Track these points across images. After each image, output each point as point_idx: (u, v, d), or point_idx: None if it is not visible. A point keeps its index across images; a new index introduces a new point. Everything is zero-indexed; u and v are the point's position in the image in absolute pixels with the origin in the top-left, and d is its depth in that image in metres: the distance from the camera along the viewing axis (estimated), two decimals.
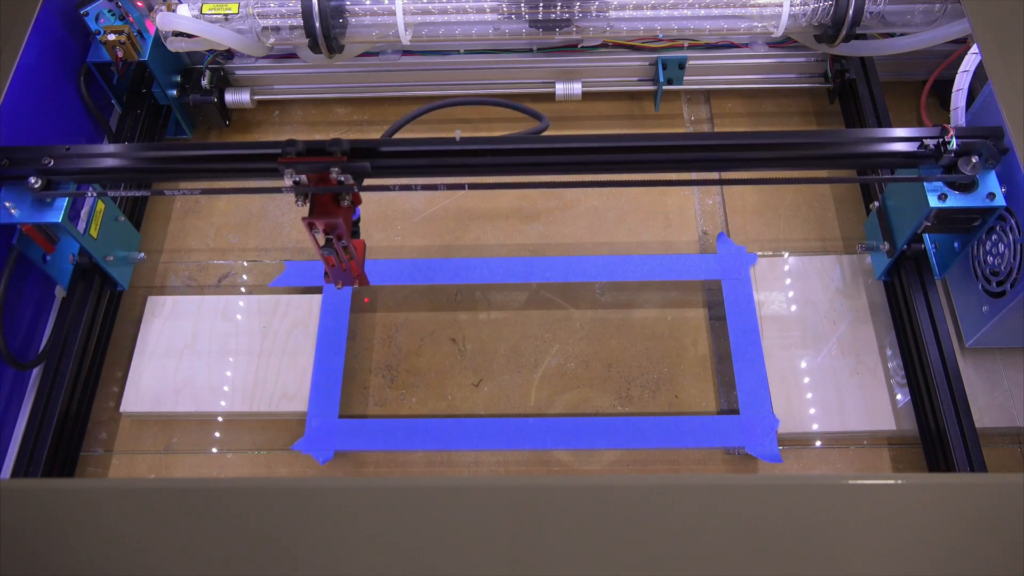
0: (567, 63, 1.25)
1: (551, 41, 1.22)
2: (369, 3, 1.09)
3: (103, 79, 1.23)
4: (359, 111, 1.35)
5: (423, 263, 1.15)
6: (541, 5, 1.09)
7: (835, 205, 1.21)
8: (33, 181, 0.92)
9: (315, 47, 1.11)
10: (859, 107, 1.19)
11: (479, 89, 1.30)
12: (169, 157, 0.96)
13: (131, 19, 1.17)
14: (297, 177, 0.87)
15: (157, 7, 1.11)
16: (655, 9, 1.09)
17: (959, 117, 1.05)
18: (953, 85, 1.07)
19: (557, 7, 1.10)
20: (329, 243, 0.90)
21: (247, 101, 1.27)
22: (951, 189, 0.93)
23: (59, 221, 0.96)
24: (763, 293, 1.12)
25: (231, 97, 1.27)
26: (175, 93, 1.24)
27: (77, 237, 1.00)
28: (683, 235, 1.19)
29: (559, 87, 1.26)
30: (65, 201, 0.97)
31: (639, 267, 1.13)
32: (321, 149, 0.87)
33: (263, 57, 1.24)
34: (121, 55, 1.16)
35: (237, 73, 1.28)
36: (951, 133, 0.90)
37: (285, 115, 1.35)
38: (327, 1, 1.07)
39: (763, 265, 1.14)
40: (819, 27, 1.09)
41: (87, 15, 1.15)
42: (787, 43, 1.23)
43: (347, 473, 1.04)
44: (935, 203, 0.93)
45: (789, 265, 1.15)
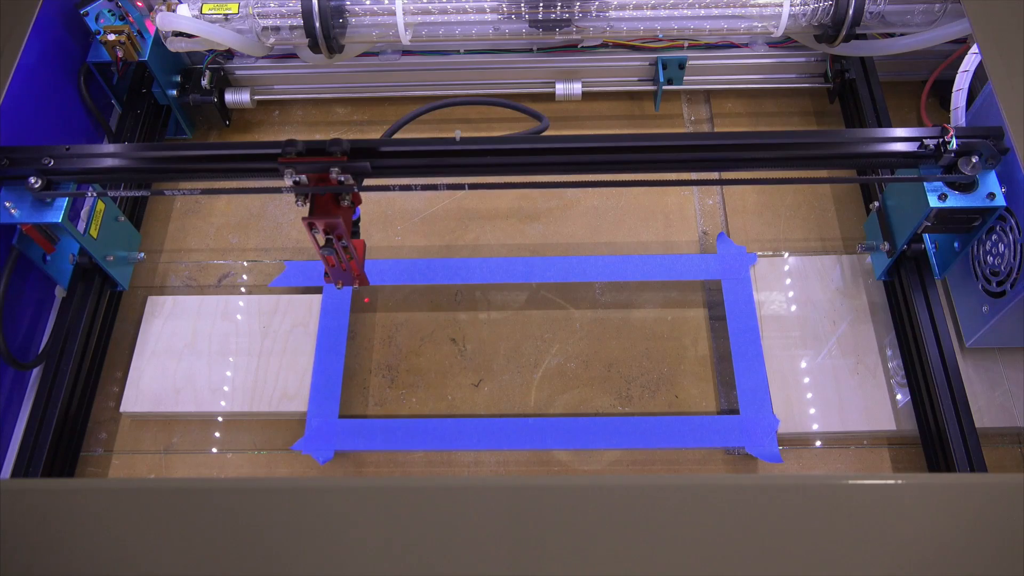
0: (567, 63, 1.25)
1: (551, 41, 1.22)
2: (369, 3, 1.09)
3: (103, 79, 1.23)
4: (359, 111, 1.35)
5: (423, 263, 1.15)
6: (541, 5, 1.09)
7: (835, 205, 1.21)
8: (33, 181, 0.92)
9: (315, 47, 1.11)
10: (859, 107, 1.19)
11: (479, 89, 1.30)
12: (169, 157, 0.96)
13: (131, 19, 1.17)
14: (297, 177, 0.87)
15: (157, 7, 1.11)
16: (655, 9, 1.09)
17: (959, 117, 1.05)
18: (953, 85, 1.07)
19: (557, 7, 1.10)
20: (329, 243, 0.90)
21: (247, 101, 1.27)
22: (951, 189, 0.93)
23: (59, 221, 0.96)
24: (763, 293, 1.12)
25: (231, 97, 1.27)
26: (175, 93, 1.24)
27: (77, 237, 1.00)
28: (683, 235, 1.19)
29: (559, 87, 1.26)
30: (65, 201, 0.97)
31: (639, 267, 1.13)
32: (321, 149, 0.88)
33: (263, 57, 1.24)
34: (121, 55, 1.16)
35: (237, 73, 1.28)
36: (951, 133, 0.90)
37: (285, 115, 1.35)
38: (327, 1, 1.07)
39: (763, 265, 1.15)
40: (819, 27, 1.09)
41: (87, 15, 1.15)
42: (787, 43, 1.23)
43: (347, 473, 1.04)
44: (935, 203, 0.93)
45: (789, 265, 1.15)
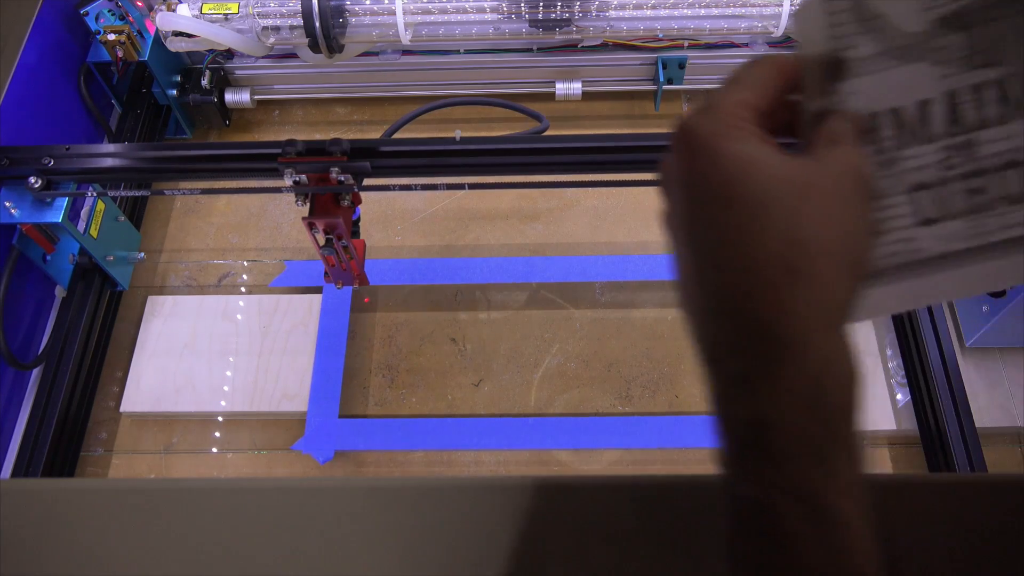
0: (567, 63, 1.25)
1: (551, 41, 1.22)
2: (369, 3, 1.09)
3: (103, 79, 1.23)
4: (359, 111, 1.35)
5: (423, 263, 1.15)
6: (541, 5, 1.09)
7: None
8: (33, 181, 0.92)
9: (315, 47, 1.11)
10: None
11: (479, 89, 1.30)
12: (169, 157, 0.96)
13: (131, 19, 1.17)
14: (297, 177, 0.87)
15: (157, 7, 1.11)
16: (655, 9, 1.09)
17: None
18: None
19: (557, 7, 1.10)
20: (329, 243, 0.90)
21: (247, 101, 1.27)
22: None
23: (59, 221, 0.96)
24: None
25: (231, 97, 1.27)
26: (175, 93, 1.24)
27: (77, 237, 1.00)
28: None
29: (559, 87, 1.26)
30: (65, 201, 0.97)
31: (639, 267, 1.13)
32: (321, 149, 0.87)
33: (263, 57, 1.24)
34: (121, 55, 1.16)
35: (237, 73, 1.28)
36: None
37: (285, 115, 1.35)
38: (327, 1, 1.07)
39: None
40: None
41: (87, 15, 1.15)
42: (787, 43, 1.23)
43: (347, 473, 1.04)
44: None
45: None
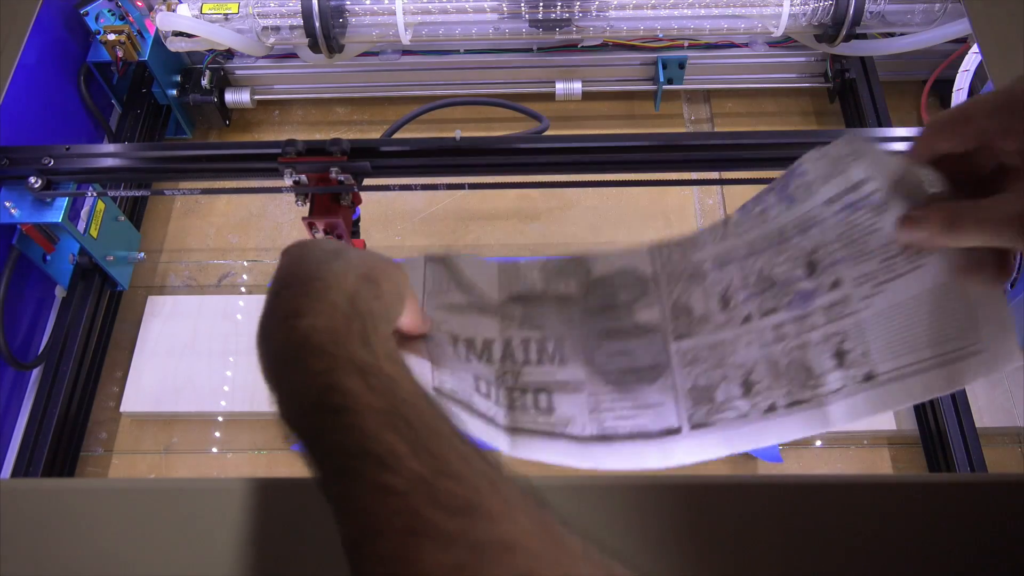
0: (567, 63, 1.25)
1: (551, 41, 1.22)
2: (369, 3, 1.09)
3: (103, 79, 1.23)
4: (359, 111, 1.34)
5: None
6: (541, 5, 1.09)
7: None
8: (33, 181, 0.92)
9: (315, 47, 1.11)
10: (859, 107, 1.19)
11: (479, 89, 1.29)
12: (169, 157, 0.96)
13: (131, 19, 1.17)
14: (297, 177, 0.87)
15: (157, 7, 1.11)
16: (655, 9, 1.09)
17: None
18: (953, 85, 1.07)
19: (557, 7, 1.10)
20: None
21: (247, 101, 1.27)
22: None
23: (59, 221, 0.96)
24: None
25: (231, 97, 1.27)
26: (175, 93, 1.24)
27: (77, 237, 1.00)
28: None
29: (559, 87, 1.26)
30: (65, 201, 0.97)
31: None
32: (321, 149, 0.87)
33: (263, 57, 1.24)
34: (121, 55, 1.16)
35: (237, 73, 1.28)
36: None
37: (285, 115, 1.35)
38: (327, 1, 1.07)
39: None
40: (819, 27, 1.09)
41: (87, 15, 1.15)
42: (787, 43, 1.23)
43: None
44: None
45: None
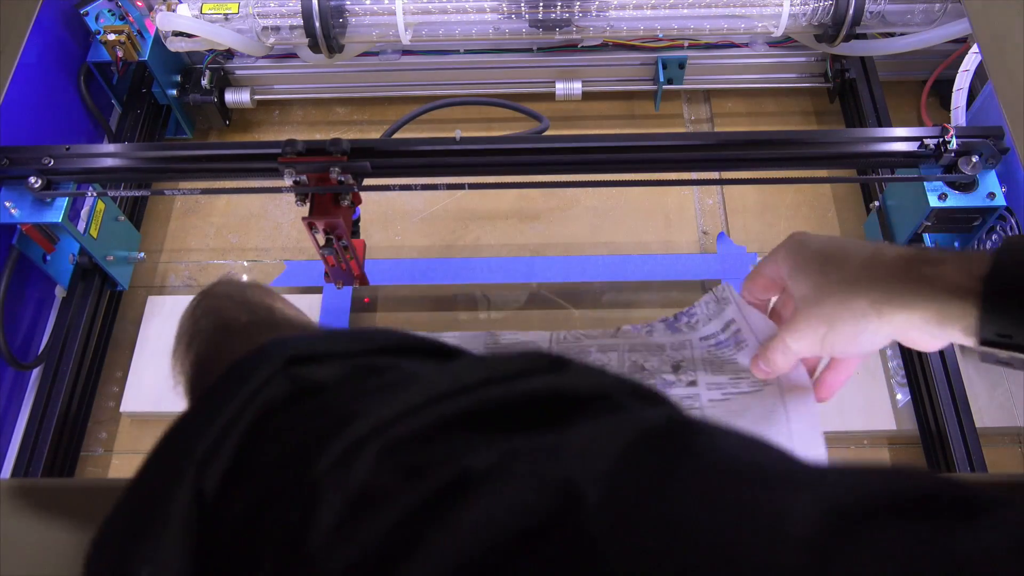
0: (567, 63, 1.25)
1: (551, 41, 1.22)
2: (369, 3, 1.09)
3: (103, 79, 1.23)
4: (359, 111, 1.34)
5: (423, 263, 1.15)
6: (541, 5, 1.09)
7: (835, 205, 1.21)
8: (33, 181, 0.92)
9: (315, 47, 1.11)
10: (859, 107, 1.19)
11: (479, 89, 1.29)
12: (169, 157, 0.96)
13: (131, 19, 1.17)
14: (297, 177, 0.87)
15: (157, 7, 1.11)
16: (655, 9, 1.09)
17: (959, 117, 1.05)
18: (953, 85, 1.07)
19: (557, 7, 1.10)
20: (329, 243, 0.90)
21: (247, 101, 1.27)
22: (951, 189, 0.93)
23: (59, 221, 0.96)
24: None
25: (231, 97, 1.27)
26: (175, 93, 1.23)
27: (77, 237, 1.00)
28: (683, 235, 1.19)
29: (559, 87, 1.26)
30: (65, 201, 0.97)
31: (639, 267, 1.13)
32: (321, 149, 0.87)
33: (263, 57, 1.24)
34: (121, 55, 1.16)
35: (237, 73, 1.28)
36: (951, 133, 0.90)
37: (285, 115, 1.35)
38: (327, 1, 1.07)
39: None
40: (819, 27, 1.09)
41: (87, 15, 1.15)
42: (787, 43, 1.23)
43: None
44: (935, 203, 0.92)
45: None
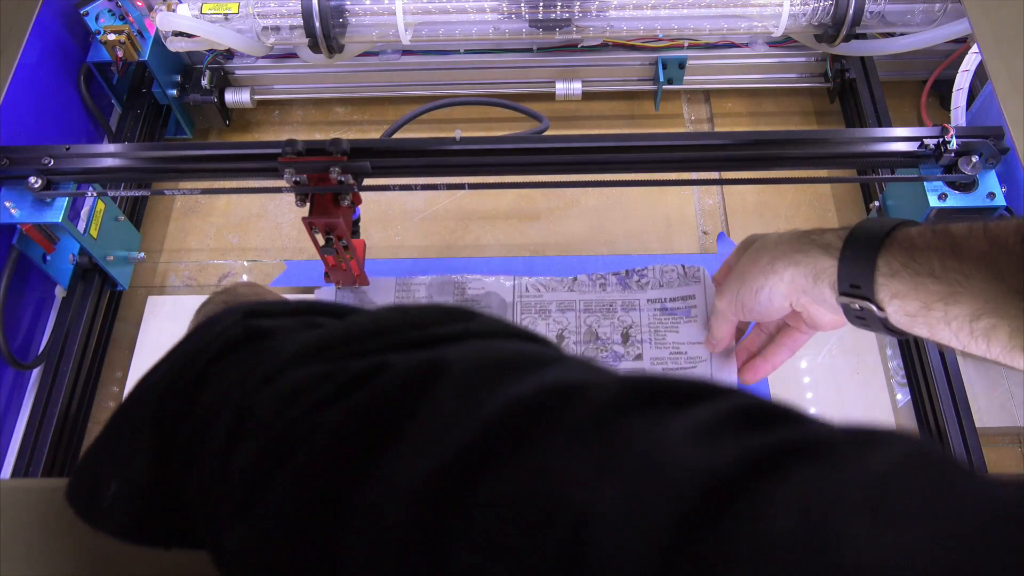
0: (567, 63, 1.25)
1: (551, 41, 1.22)
2: (369, 3, 1.09)
3: (103, 79, 1.22)
4: (359, 111, 1.34)
5: (423, 263, 1.15)
6: (541, 5, 1.09)
7: (835, 205, 1.21)
8: (33, 181, 0.92)
9: (315, 47, 1.11)
10: (859, 107, 1.19)
11: (479, 89, 1.30)
12: (169, 157, 0.96)
13: (131, 19, 1.17)
14: (297, 177, 0.87)
15: (157, 7, 1.11)
16: (655, 9, 1.09)
17: (959, 117, 1.05)
18: (953, 85, 1.07)
19: (557, 7, 1.10)
20: (329, 243, 0.90)
21: (247, 101, 1.27)
22: (951, 188, 0.93)
23: (59, 221, 0.96)
24: None
25: (231, 97, 1.27)
26: (175, 93, 1.23)
27: (77, 237, 1.00)
28: (683, 235, 1.19)
29: (559, 87, 1.26)
30: (65, 201, 0.97)
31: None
32: (321, 149, 0.87)
33: (263, 57, 1.24)
34: (121, 55, 1.16)
35: (237, 73, 1.28)
36: (951, 133, 0.90)
37: (285, 115, 1.35)
38: (327, 1, 1.07)
39: None
40: (819, 27, 1.09)
41: (87, 15, 1.15)
42: (787, 43, 1.23)
43: None
44: (935, 203, 0.93)
45: None
